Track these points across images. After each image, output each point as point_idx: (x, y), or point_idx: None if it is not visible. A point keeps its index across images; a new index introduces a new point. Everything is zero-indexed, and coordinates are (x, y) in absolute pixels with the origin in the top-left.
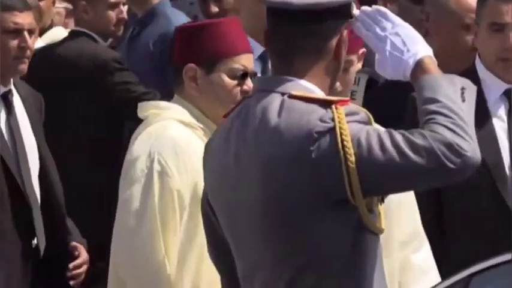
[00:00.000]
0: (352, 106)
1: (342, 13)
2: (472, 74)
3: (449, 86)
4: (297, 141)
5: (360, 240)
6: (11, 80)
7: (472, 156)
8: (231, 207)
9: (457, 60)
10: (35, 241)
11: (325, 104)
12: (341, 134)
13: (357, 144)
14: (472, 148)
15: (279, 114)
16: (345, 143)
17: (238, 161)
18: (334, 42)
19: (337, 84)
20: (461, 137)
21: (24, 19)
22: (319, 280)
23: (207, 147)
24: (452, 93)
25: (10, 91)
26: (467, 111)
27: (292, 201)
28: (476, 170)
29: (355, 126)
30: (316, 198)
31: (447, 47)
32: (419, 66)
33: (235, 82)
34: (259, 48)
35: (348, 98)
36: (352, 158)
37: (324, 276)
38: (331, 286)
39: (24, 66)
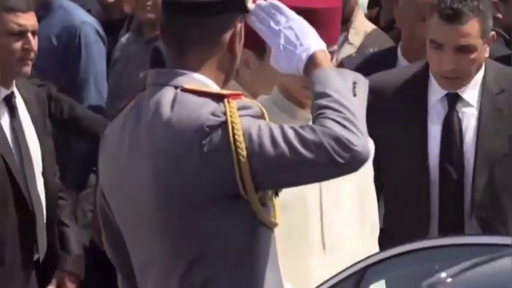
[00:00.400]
0: (245, 100)
1: (236, 6)
2: (424, 71)
3: (340, 80)
4: (189, 135)
5: (254, 234)
6: (13, 81)
7: (361, 151)
8: (125, 202)
9: (415, 51)
10: (36, 251)
11: (218, 97)
12: (233, 128)
13: (249, 138)
14: (361, 143)
15: (172, 108)
16: (236, 137)
17: (131, 155)
18: (227, 35)
19: None
20: (351, 131)
21: (28, 20)
22: (212, 274)
23: (103, 140)
24: (343, 88)
25: (13, 93)
26: (358, 105)
27: (184, 195)
28: (402, 168)
29: (247, 121)
30: (209, 193)
31: (406, 36)
32: (311, 61)
33: None
34: None
35: (240, 92)
36: (244, 153)
37: (217, 270)
38: (224, 279)
39: (27, 68)
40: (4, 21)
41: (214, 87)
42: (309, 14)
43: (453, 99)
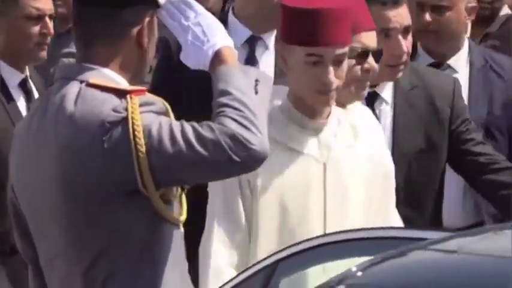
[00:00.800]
0: (149, 96)
1: (146, 0)
2: None
3: (242, 77)
4: (91, 131)
5: (155, 231)
6: (27, 66)
7: (259, 150)
8: (33, 195)
9: None
10: None
11: (121, 93)
12: (133, 124)
13: (148, 134)
14: (259, 141)
15: (75, 103)
16: (136, 133)
17: (38, 150)
18: (136, 30)
19: (334, 79)
20: (249, 130)
21: (45, 4)
22: (113, 269)
23: (14, 135)
24: (245, 85)
25: (27, 78)
26: (258, 103)
27: (86, 191)
28: None
29: (149, 117)
30: (110, 189)
31: None
32: (216, 57)
33: (353, 61)
34: (246, 33)
35: (144, 88)
36: (143, 149)
37: (118, 265)
38: (124, 275)
39: (44, 53)
40: (22, 5)
41: (121, 83)
42: (313, 15)
43: (372, 98)
